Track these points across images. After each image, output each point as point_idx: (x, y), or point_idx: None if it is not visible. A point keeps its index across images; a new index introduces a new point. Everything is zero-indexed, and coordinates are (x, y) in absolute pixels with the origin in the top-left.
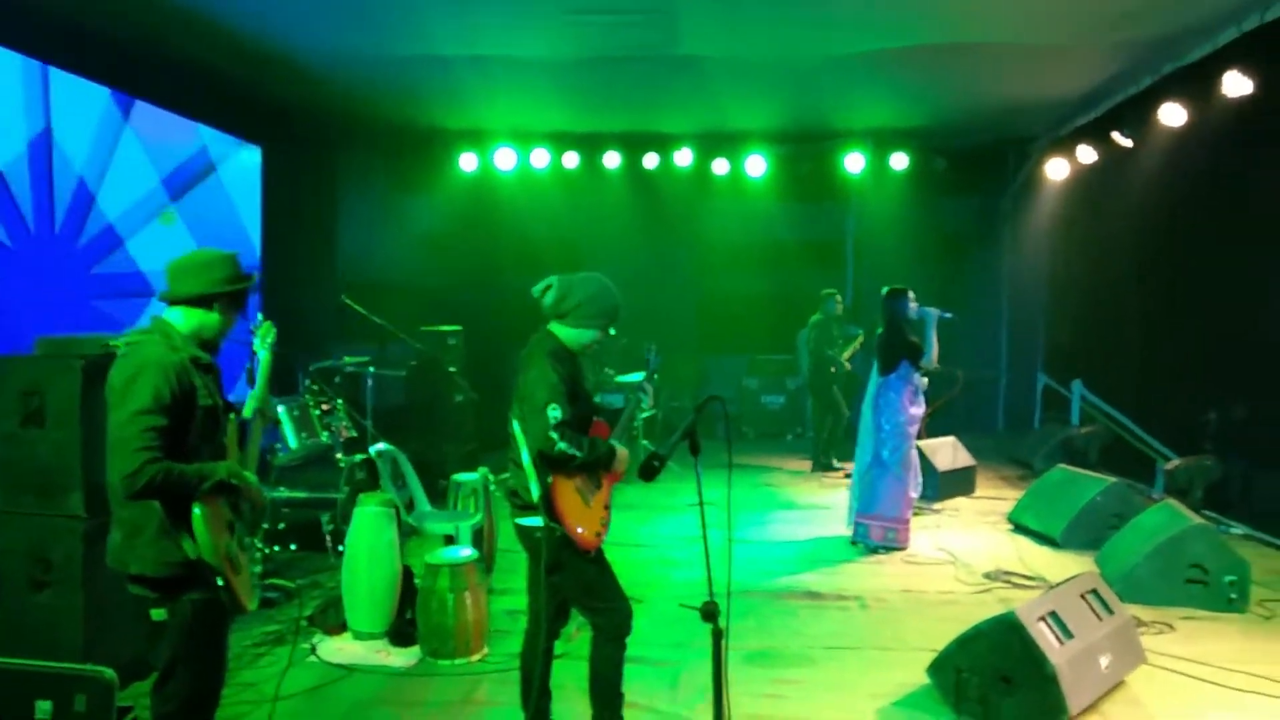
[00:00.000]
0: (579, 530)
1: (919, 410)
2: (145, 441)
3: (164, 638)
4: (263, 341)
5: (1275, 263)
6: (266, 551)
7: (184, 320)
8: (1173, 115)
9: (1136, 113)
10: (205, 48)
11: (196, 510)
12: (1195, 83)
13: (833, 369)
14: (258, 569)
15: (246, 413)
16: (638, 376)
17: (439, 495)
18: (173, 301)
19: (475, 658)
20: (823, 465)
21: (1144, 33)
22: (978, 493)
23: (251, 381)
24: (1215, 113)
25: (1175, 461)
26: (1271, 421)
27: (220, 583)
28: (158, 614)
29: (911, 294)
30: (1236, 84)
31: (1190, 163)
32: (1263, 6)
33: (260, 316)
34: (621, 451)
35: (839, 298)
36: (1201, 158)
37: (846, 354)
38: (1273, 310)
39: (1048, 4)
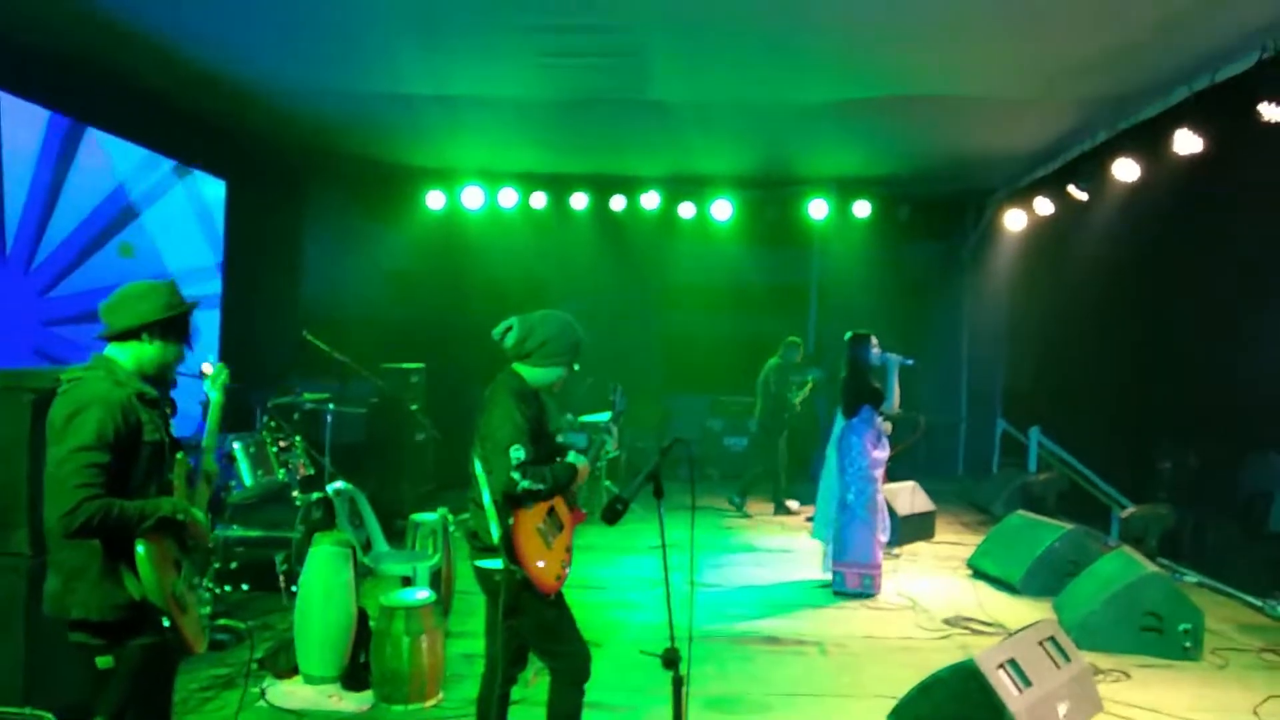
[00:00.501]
0: (539, 570)
1: (883, 454)
2: (84, 479)
3: (110, 685)
4: (214, 382)
5: (1227, 316)
6: (217, 591)
7: (125, 355)
8: (1126, 170)
9: (1091, 167)
10: (168, 78)
11: (140, 548)
12: (1147, 140)
13: (786, 415)
14: (206, 610)
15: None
16: (603, 417)
17: (397, 535)
18: (108, 338)
19: (430, 703)
20: (783, 508)
21: (1098, 90)
22: (937, 537)
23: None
24: (1166, 169)
25: (1131, 509)
26: (1222, 470)
27: (166, 624)
28: (104, 661)
29: (874, 339)
30: (1187, 142)
31: (1143, 217)
32: (1213, 69)
33: (212, 358)
34: (582, 466)
35: (801, 347)
36: (1154, 212)
37: (799, 398)
38: (1223, 361)
39: (1004, 60)
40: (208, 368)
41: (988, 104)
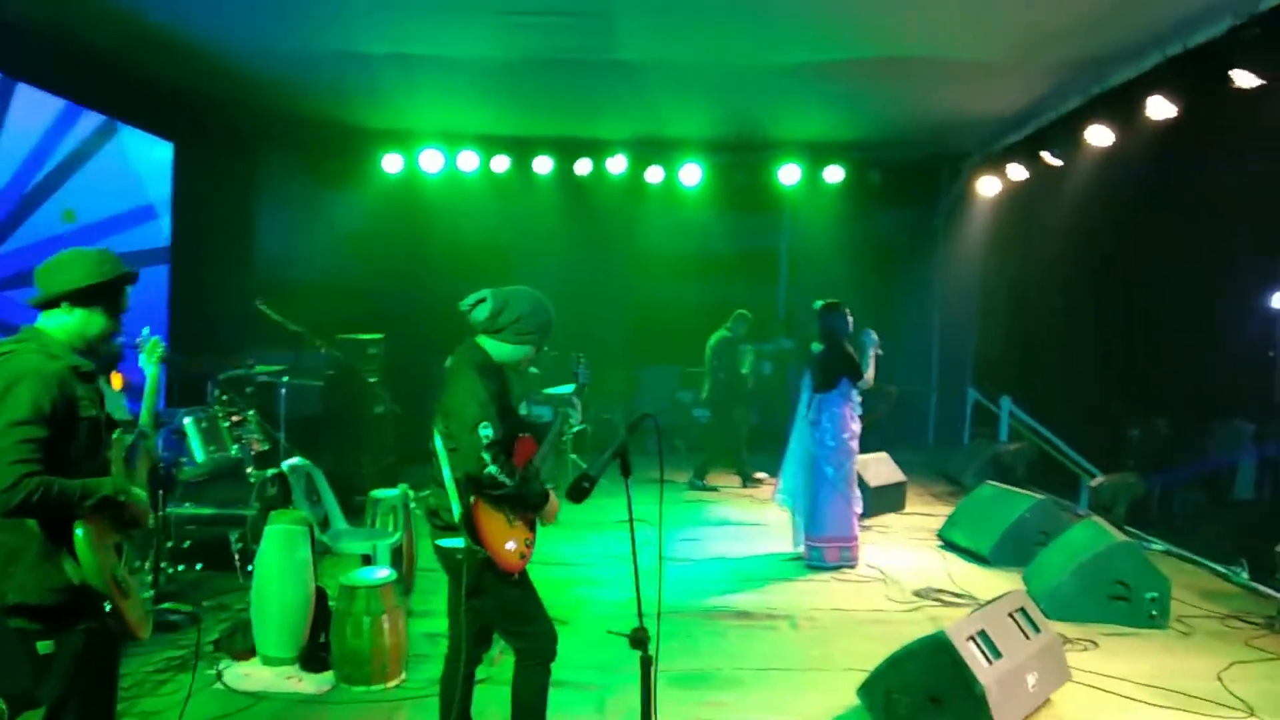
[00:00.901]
0: (503, 551)
1: (858, 426)
2: (22, 454)
3: (52, 670)
4: (149, 357)
5: (1198, 283)
6: (170, 571)
7: (57, 326)
8: (1099, 136)
9: (1065, 133)
10: (112, 35)
11: (79, 530)
12: (1121, 105)
13: (738, 388)
14: (149, 594)
15: (141, 426)
16: (567, 389)
17: (356, 512)
18: (39, 305)
19: (392, 684)
20: (750, 479)
21: (1072, 54)
22: (908, 509)
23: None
24: (1140, 135)
25: (1100, 478)
26: (1190, 438)
27: (108, 608)
28: (44, 646)
29: (847, 309)
30: (1160, 108)
31: (1116, 183)
32: (1185, 34)
33: (146, 331)
34: (552, 502)
35: (749, 321)
36: (1127, 179)
37: (747, 368)
38: (1194, 329)
39: (979, 22)
40: (144, 339)
41: (961, 67)
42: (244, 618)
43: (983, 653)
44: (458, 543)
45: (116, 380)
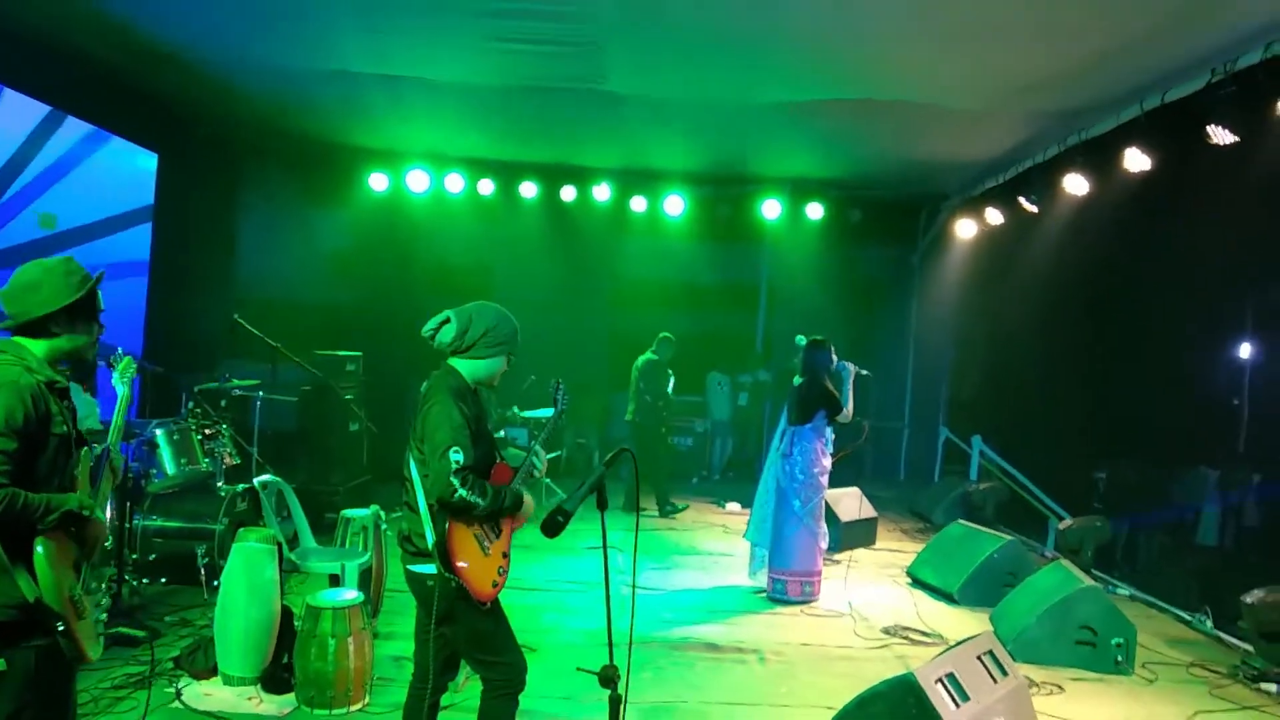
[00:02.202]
0: (474, 578)
1: (829, 461)
2: None
3: (3, 688)
4: (121, 376)
5: (1168, 332)
6: (134, 584)
7: (36, 341)
8: (1076, 185)
9: (1042, 180)
10: (100, 46)
11: (40, 547)
12: (1098, 156)
13: (664, 413)
14: (103, 615)
15: (110, 442)
16: (546, 413)
17: (326, 529)
18: (13, 331)
19: (355, 708)
20: (669, 508)
21: (1051, 104)
22: (878, 544)
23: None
24: (1116, 185)
25: (1068, 521)
26: (1156, 483)
27: (60, 628)
28: None
29: (832, 347)
30: (1136, 160)
31: (1091, 231)
32: (1162, 88)
33: (120, 350)
34: (528, 500)
35: (674, 344)
36: (1102, 227)
37: (669, 385)
38: (1162, 376)
39: (960, 71)
40: (117, 358)
41: (942, 113)
42: (207, 635)
43: (950, 696)
44: (429, 569)
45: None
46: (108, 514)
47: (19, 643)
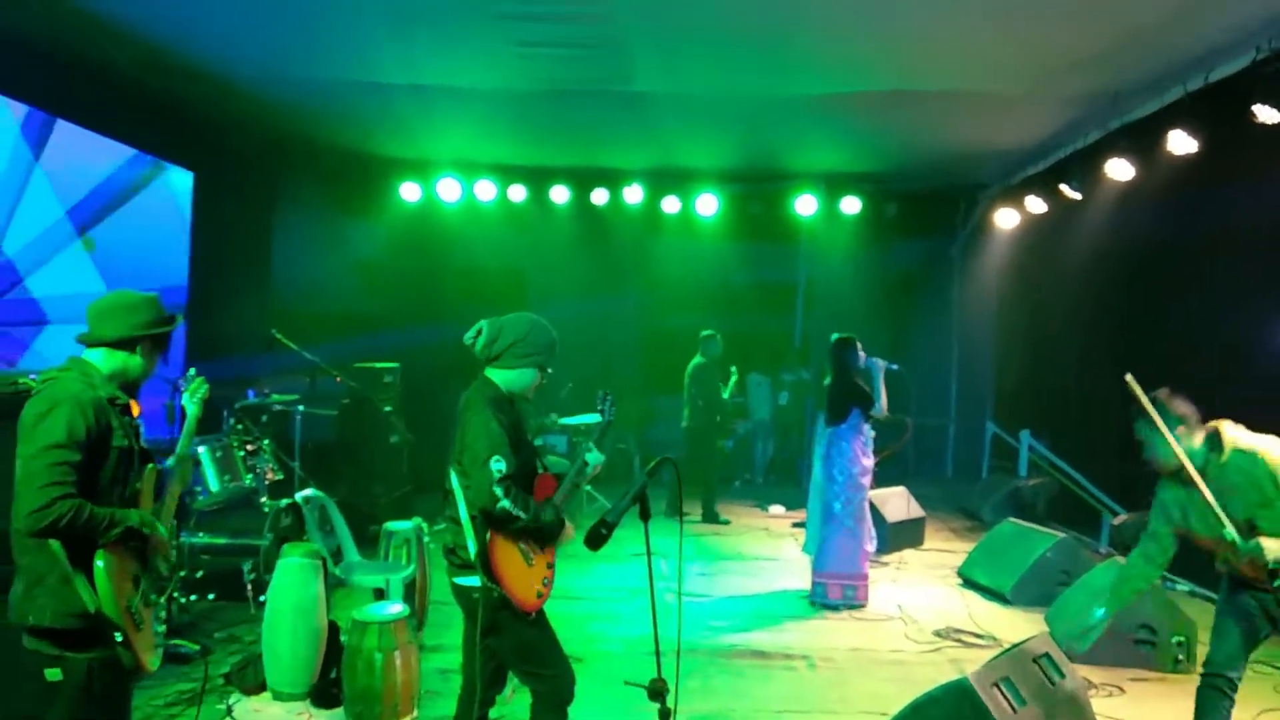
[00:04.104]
0: (519, 589)
1: (870, 461)
2: (56, 476)
3: (59, 699)
4: (192, 396)
5: (1218, 318)
6: (183, 601)
7: (105, 361)
8: (1119, 170)
9: (1084, 166)
10: (136, 66)
11: (100, 561)
12: (1142, 139)
13: (718, 418)
14: (162, 628)
15: (170, 461)
16: (587, 419)
17: (369, 542)
18: (94, 344)
19: None
20: (713, 516)
21: (1092, 88)
22: (926, 544)
23: (172, 420)
24: (1161, 169)
25: (1122, 516)
26: None
27: (119, 638)
28: (52, 674)
29: (859, 344)
30: (1181, 142)
31: (1136, 217)
32: (1207, 68)
33: (193, 371)
34: (568, 526)
35: (719, 338)
36: (1147, 213)
37: (728, 393)
38: (1213, 364)
39: (997, 54)
40: (189, 378)
41: (978, 100)
42: (255, 651)
43: (1007, 700)
44: (474, 580)
45: (134, 407)
46: (171, 528)
47: (78, 652)
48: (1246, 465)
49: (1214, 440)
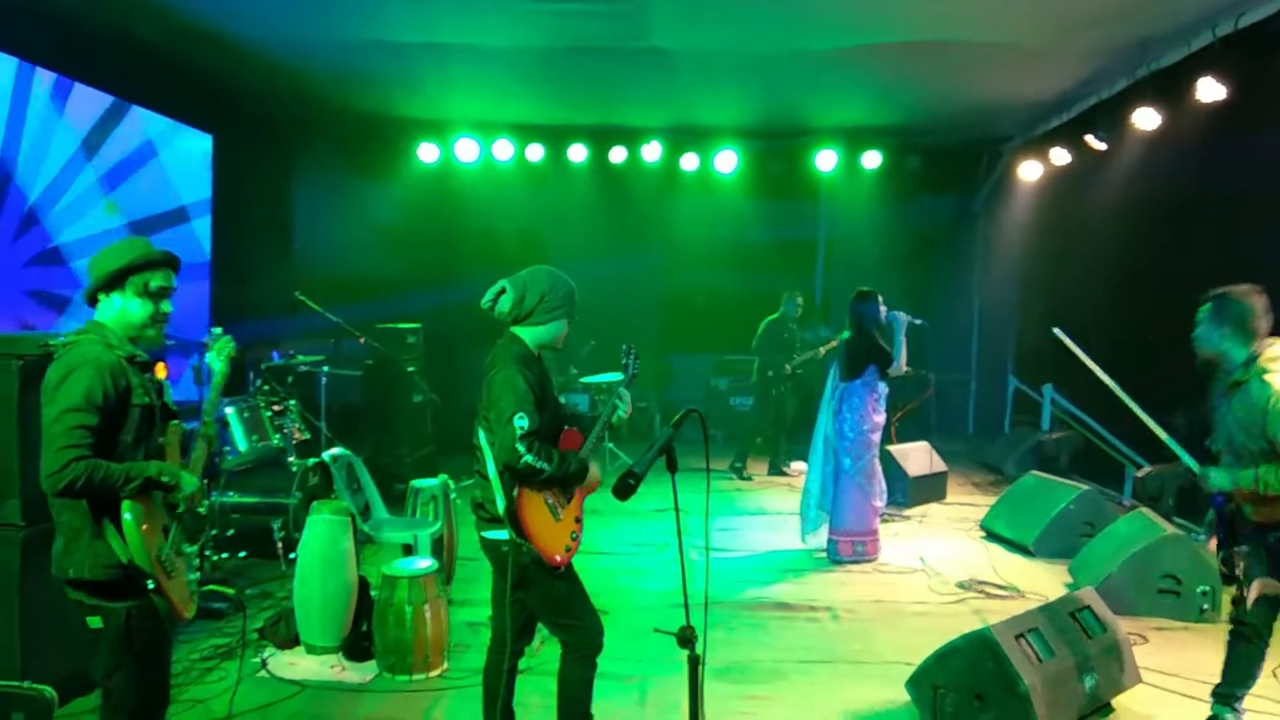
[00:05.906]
0: (546, 543)
1: (881, 418)
2: (72, 439)
3: (100, 647)
4: (219, 354)
5: (1246, 268)
6: (215, 559)
7: (111, 317)
8: (1146, 119)
9: (1110, 116)
10: (154, 30)
11: (127, 512)
12: (1169, 87)
13: (769, 373)
14: (195, 575)
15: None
16: (608, 377)
17: (396, 500)
18: (90, 296)
19: (435, 673)
20: (778, 469)
21: (1118, 36)
22: (949, 498)
23: (199, 380)
24: (1189, 118)
25: (1146, 469)
26: None
27: (151, 586)
28: (93, 621)
29: (880, 298)
30: (1210, 89)
31: (1164, 167)
32: (1237, 12)
33: (219, 330)
34: (593, 469)
35: (799, 300)
36: (1175, 162)
37: (802, 359)
38: None
39: (1021, 4)
40: (214, 336)
41: (1001, 50)
42: (287, 606)
43: (1033, 652)
44: (503, 535)
45: (160, 369)
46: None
47: (114, 601)
48: (1256, 395)
49: (1251, 360)
